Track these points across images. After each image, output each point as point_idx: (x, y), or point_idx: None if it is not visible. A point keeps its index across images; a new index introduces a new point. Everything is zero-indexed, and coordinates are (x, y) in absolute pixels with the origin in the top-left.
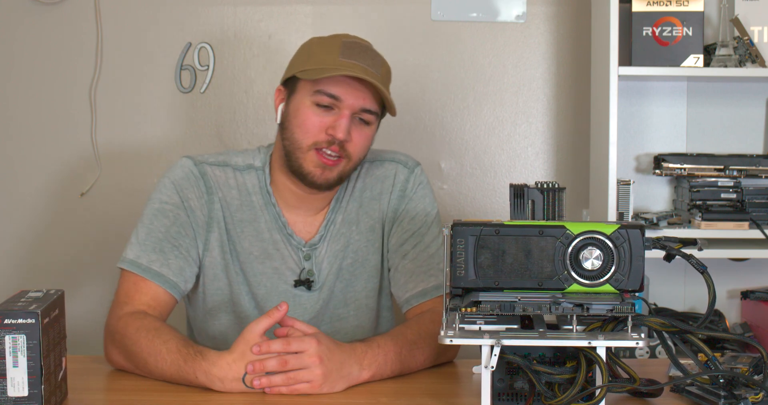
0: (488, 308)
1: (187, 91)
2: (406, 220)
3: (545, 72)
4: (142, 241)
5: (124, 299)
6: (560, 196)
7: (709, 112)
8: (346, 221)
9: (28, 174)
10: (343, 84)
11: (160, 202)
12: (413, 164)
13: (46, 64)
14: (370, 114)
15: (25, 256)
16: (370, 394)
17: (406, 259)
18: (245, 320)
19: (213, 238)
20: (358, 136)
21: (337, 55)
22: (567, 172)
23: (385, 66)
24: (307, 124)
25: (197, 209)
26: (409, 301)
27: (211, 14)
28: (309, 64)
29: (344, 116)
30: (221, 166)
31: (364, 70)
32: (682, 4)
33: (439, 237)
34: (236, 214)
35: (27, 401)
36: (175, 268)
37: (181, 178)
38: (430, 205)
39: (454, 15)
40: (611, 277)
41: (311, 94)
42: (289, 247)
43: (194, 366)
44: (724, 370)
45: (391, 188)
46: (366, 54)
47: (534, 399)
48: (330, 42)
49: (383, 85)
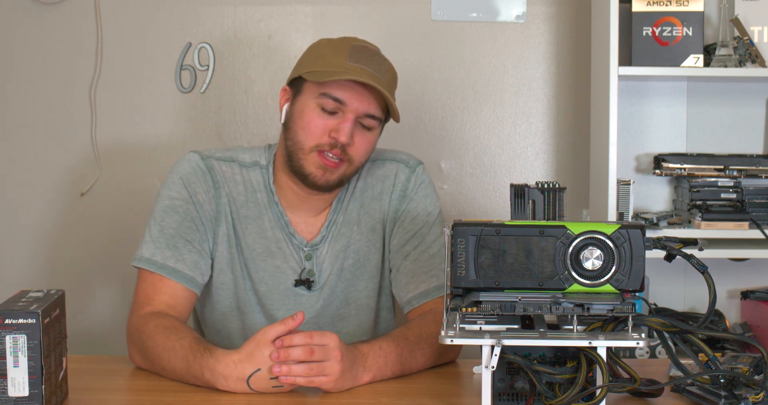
0: (489, 308)
1: (187, 91)
2: (407, 221)
3: (545, 72)
4: (156, 238)
5: (143, 300)
6: (561, 196)
7: (709, 112)
8: (347, 221)
9: (28, 174)
10: (348, 88)
11: (169, 198)
12: (415, 163)
13: (46, 64)
14: (374, 119)
15: (25, 256)
16: (372, 394)
17: (408, 259)
18: (247, 316)
19: (221, 233)
20: (360, 141)
21: (345, 59)
22: (567, 172)
23: (392, 72)
24: (311, 126)
25: (205, 203)
26: (410, 302)
27: (211, 14)
28: (316, 66)
29: (348, 120)
30: (228, 162)
31: (371, 76)
32: (682, 4)
33: (441, 237)
34: (242, 210)
35: (27, 401)
36: (190, 263)
37: (189, 172)
38: (431, 204)
39: (454, 15)
40: (612, 277)
41: (316, 96)
42: (291, 246)
43: (201, 363)
44: (724, 370)
45: (391, 188)
46: (373, 59)
47: (534, 399)
48: (339, 45)
49: (389, 92)
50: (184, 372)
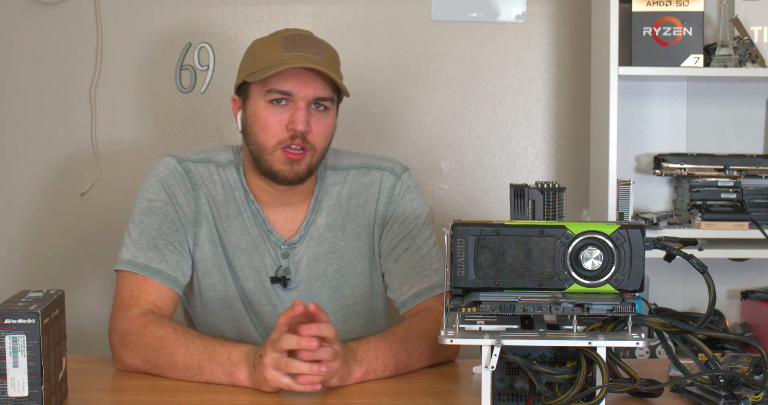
0: (488, 308)
1: (187, 91)
2: (396, 225)
3: (545, 72)
4: (136, 240)
5: (129, 301)
6: (560, 196)
7: (709, 112)
8: (331, 227)
9: (28, 174)
10: (291, 78)
11: (148, 200)
12: (400, 170)
13: (46, 64)
14: (325, 100)
15: (25, 256)
16: (370, 394)
17: (399, 262)
18: (238, 314)
19: (202, 233)
20: (317, 126)
21: (280, 51)
22: (567, 172)
23: (330, 50)
24: (267, 124)
25: (184, 205)
26: (405, 304)
27: (211, 14)
28: (255, 67)
29: (300, 108)
30: (204, 163)
31: (310, 59)
32: (682, 4)
33: (431, 238)
34: (222, 209)
35: (27, 401)
36: (172, 263)
37: (166, 175)
38: (419, 207)
39: (454, 15)
40: (611, 277)
41: (263, 94)
42: (269, 243)
43: (230, 348)
44: (724, 370)
45: (377, 196)
46: (308, 43)
47: (534, 399)
48: (271, 40)
49: (332, 70)
50: (205, 361)
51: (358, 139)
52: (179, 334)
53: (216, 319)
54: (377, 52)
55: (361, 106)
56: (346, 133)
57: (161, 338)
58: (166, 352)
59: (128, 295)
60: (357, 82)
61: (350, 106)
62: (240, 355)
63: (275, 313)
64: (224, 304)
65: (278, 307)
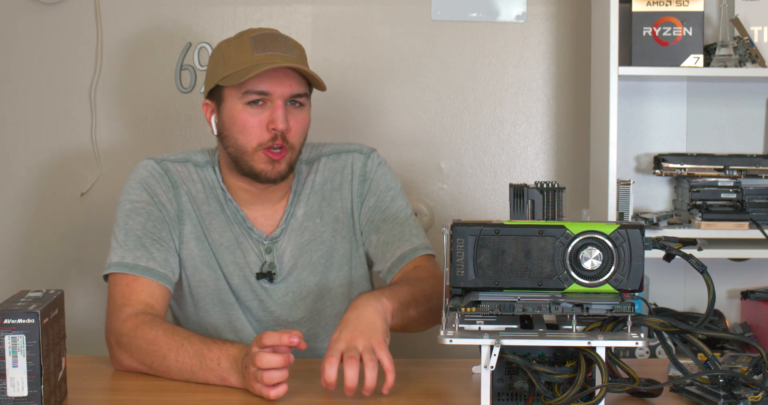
0: (488, 308)
1: (187, 91)
2: (372, 198)
3: (545, 72)
4: (123, 242)
5: (121, 301)
6: (560, 196)
7: (709, 112)
8: (309, 215)
9: (28, 174)
10: (267, 78)
11: (130, 202)
12: (368, 150)
13: (46, 64)
14: (301, 97)
15: (24, 256)
16: (371, 394)
17: (380, 232)
18: (230, 307)
19: (187, 231)
20: (295, 123)
21: (251, 53)
22: (567, 172)
23: (298, 47)
24: (247, 126)
25: (167, 203)
26: (391, 270)
27: (211, 14)
28: (228, 70)
29: (278, 107)
30: (182, 163)
31: (282, 58)
32: (682, 4)
33: (408, 207)
34: (203, 207)
35: (27, 401)
36: (160, 260)
37: (146, 176)
38: (392, 180)
39: (454, 15)
40: (611, 277)
41: (240, 96)
42: (250, 240)
43: (219, 352)
44: (723, 370)
45: (350, 176)
46: (277, 42)
47: (534, 399)
48: (239, 42)
49: (303, 65)
50: (196, 365)
51: (357, 139)
52: (169, 337)
53: (209, 316)
54: (377, 52)
55: (360, 106)
56: (346, 133)
57: (152, 342)
58: (159, 356)
59: (120, 295)
60: (357, 82)
61: (350, 105)
62: (229, 362)
63: (263, 307)
64: (216, 298)
65: (265, 301)
